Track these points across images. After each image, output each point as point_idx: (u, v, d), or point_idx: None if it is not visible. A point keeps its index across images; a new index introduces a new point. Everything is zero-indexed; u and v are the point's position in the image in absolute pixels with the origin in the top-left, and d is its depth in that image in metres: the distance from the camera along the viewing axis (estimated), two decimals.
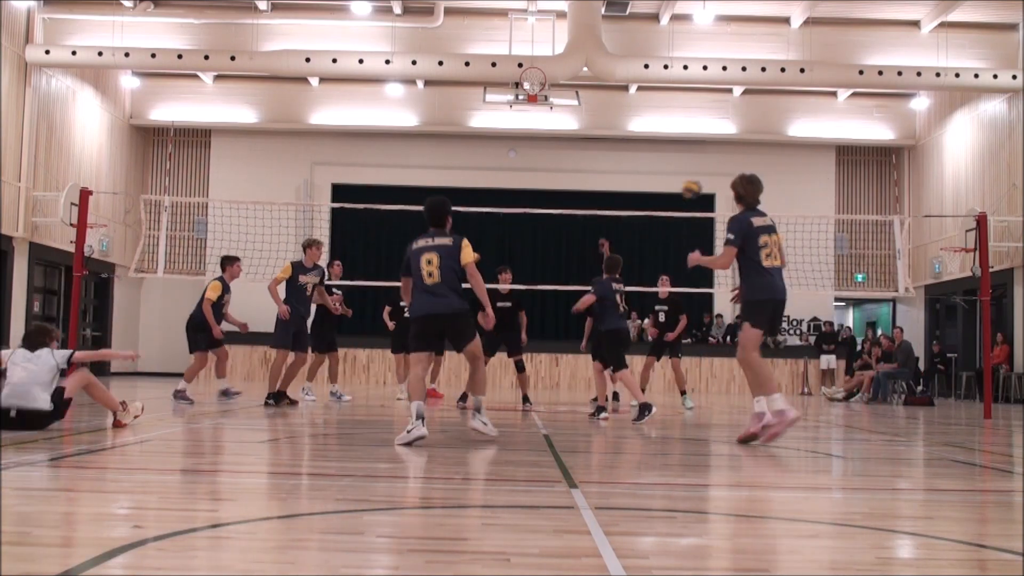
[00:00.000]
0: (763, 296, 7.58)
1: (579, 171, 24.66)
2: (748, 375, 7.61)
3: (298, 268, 11.77)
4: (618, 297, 10.75)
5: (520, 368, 12.50)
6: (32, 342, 7.61)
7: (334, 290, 13.81)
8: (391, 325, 14.11)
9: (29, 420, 7.22)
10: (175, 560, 3.16)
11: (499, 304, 12.27)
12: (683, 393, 13.57)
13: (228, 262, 12.38)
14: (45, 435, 7.24)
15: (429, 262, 7.37)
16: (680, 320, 13.24)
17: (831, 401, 18.12)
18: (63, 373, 7.61)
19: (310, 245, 12.00)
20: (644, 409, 9.95)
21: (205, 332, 12.15)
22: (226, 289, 12.17)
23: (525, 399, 12.54)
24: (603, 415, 10.49)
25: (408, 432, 6.95)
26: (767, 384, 7.45)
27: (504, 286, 12.73)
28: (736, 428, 10.51)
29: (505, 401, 14.39)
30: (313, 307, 12.78)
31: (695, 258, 7.93)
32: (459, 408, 11.93)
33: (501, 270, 12.87)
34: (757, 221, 7.67)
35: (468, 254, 7.44)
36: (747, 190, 7.82)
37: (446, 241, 7.44)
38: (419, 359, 7.47)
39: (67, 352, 7.67)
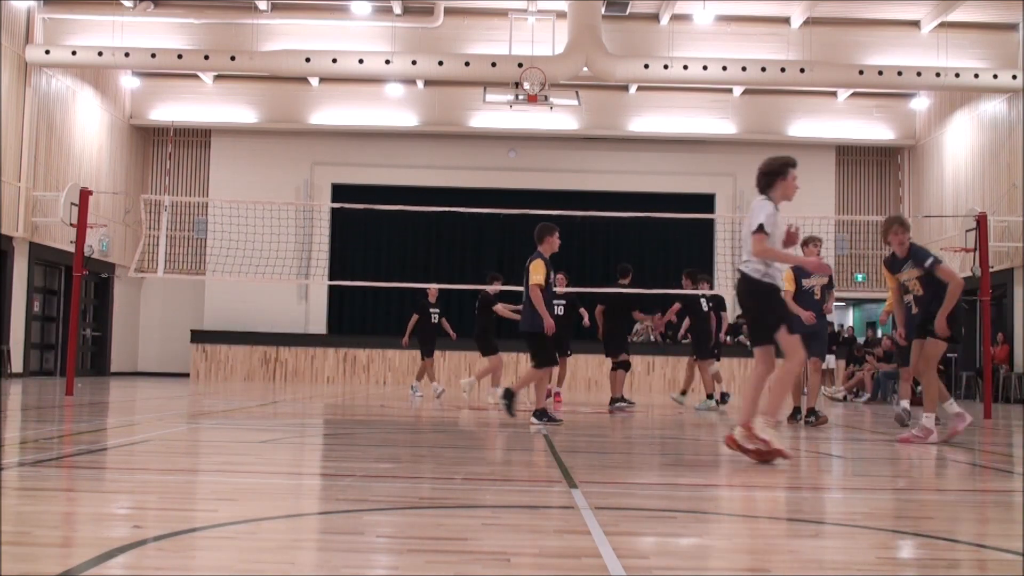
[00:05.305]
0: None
1: (579, 171, 24.66)
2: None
3: (549, 266, 9.52)
4: None
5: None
6: None
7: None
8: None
9: None
10: (175, 560, 3.16)
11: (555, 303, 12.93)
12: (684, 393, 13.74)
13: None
14: (44, 435, 7.24)
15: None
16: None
17: (832, 401, 18.12)
18: None
19: (553, 231, 9.58)
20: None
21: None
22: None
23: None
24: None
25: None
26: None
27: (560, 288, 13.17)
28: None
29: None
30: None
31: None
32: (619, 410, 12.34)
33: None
34: None
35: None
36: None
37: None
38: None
39: None
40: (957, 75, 19.86)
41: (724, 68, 19.78)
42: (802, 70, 19.97)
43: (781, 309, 6.46)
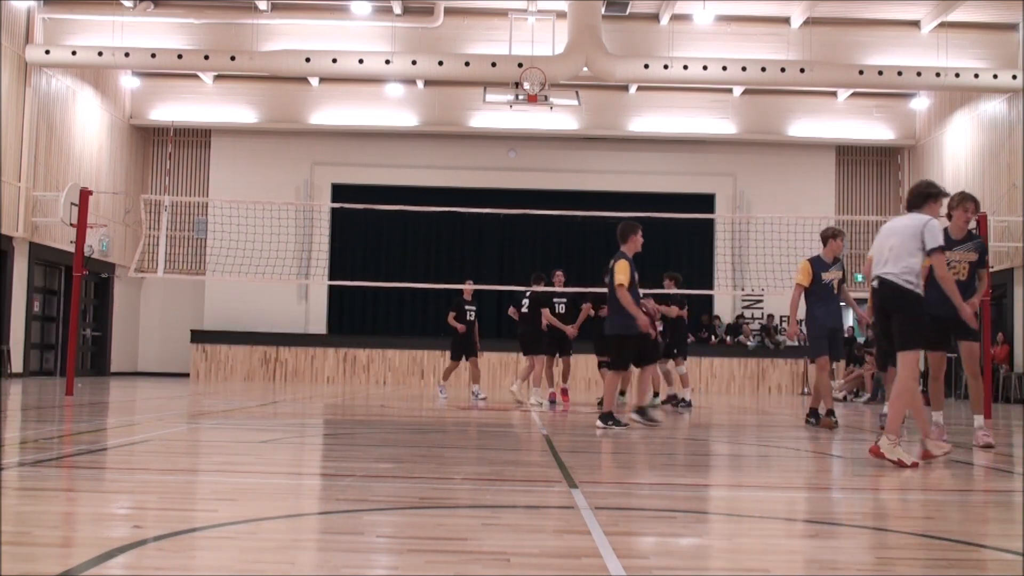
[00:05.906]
0: None
1: (579, 171, 24.66)
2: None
3: (634, 266, 9.11)
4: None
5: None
6: None
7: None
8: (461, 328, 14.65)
9: None
10: (175, 560, 3.16)
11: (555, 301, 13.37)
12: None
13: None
14: (44, 435, 7.24)
15: None
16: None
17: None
18: None
19: (636, 230, 9.28)
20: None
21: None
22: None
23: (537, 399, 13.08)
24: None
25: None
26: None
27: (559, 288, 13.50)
28: (736, 428, 10.52)
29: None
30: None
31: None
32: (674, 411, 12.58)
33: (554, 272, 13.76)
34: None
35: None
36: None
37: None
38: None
39: None
40: (957, 75, 19.86)
41: (724, 68, 19.78)
42: (802, 70, 19.97)
43: (925, 323, 6.47)
